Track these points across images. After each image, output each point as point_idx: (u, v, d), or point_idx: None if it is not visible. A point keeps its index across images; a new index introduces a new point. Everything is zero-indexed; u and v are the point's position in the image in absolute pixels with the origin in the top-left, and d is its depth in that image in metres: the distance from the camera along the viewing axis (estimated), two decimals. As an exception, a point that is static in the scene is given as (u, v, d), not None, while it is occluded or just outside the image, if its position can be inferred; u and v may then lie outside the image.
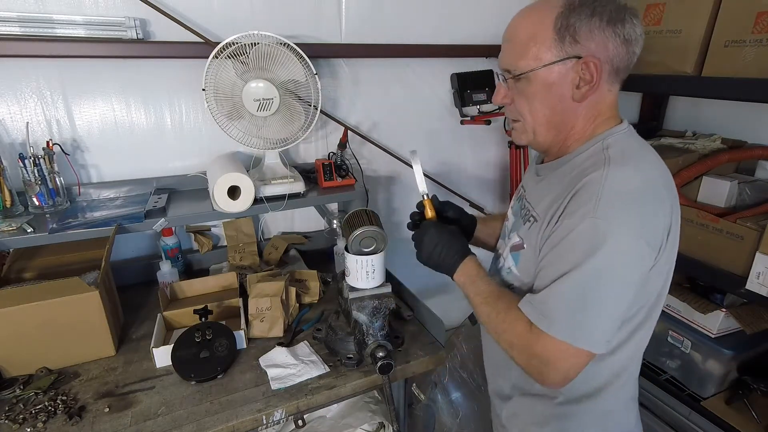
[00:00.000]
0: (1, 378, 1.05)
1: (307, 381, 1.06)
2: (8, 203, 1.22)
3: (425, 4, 1.65)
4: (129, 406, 0.99)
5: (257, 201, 1.32)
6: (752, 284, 1.20)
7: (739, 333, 1.43)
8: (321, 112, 1.44)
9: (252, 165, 1.50)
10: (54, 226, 1.15)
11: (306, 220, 1.76)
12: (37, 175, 1.21)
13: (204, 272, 1.56)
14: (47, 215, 1.23)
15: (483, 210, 2.01)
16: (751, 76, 1.18)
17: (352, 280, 1.06)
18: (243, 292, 1.35)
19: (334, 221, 1.69)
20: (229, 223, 1.58)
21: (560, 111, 0.76)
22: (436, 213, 0.96)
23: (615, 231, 0.65)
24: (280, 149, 1.44)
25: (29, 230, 1.13)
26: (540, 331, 0.70)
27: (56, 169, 1.25)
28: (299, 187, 1.41)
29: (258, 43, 1.28)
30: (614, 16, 0.69)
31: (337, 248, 1.60)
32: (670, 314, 1.55)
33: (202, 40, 1.33)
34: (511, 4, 0.75)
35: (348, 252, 1.03)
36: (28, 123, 1.27)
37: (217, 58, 1.27)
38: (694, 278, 1.54)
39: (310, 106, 1.39)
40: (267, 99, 1.31)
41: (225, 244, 1.59)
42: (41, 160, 1.22)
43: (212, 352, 1.09)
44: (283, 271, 1.47)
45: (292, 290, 1.31)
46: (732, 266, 1.28)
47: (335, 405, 1.31)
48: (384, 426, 1.28)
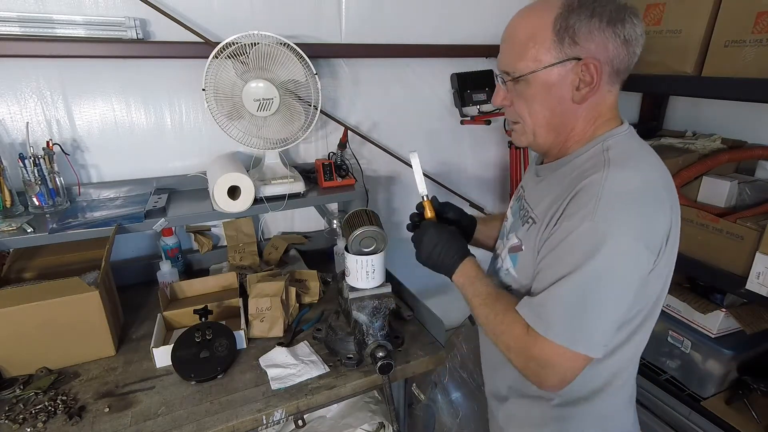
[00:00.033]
0: (1, 378, 1.05)
1: (307, 381, 1.06)
2: (8, 203, 1.22)
3: (425, 4, 1.65)
4: (129, 406, 0.99)
5: (257, 201, 1.32)
6: (752, 284, 1.20)
7: (739, 333, 1.43)
8: (321, 112, 1.44)
9: (252, 165, 1.50)
10: (54, 226, 1.15)
11: (306, 220, 1.76)
12: (37, 175, 1.21)
13: (204, 272, 1.56)
14: (47, 215, 1.23)
15: (483, 210, 2.01)
16: (751, 76, 1.18)
17: (352, 280, 1.06)
18: (243, 292, 1.35)
19: (334, 221, 1.69)
20: (229, 223, 1.58)
21: (560, 113, 0.75)
22: (436, 214, 0.96)
23: (614, 234, 0.65)
24: (280, 149, 1.44)
25: (29, 230, 1.13)
26: (537, 334, 0.69)
27: (56, 169, 1.25)
28: (299, 187, 1.41)
29: (258, 43, 1.28)
30: (614, 17, 0.68)
31: (337, 248, 1.60)
32: (670, 314, 1.54)
33: (202, 40, 1.33)
34: (511, 4, 0.74)
35: (348, 252, 1.03)
36: (28, 123, 1.27)
37: (217, 58, 1.27)
38: (694, 278, 1.54)
39: (310, 106, 1.39)
40: (267, 99, 1.31)
41: (225, 244, 1.59)
42: (41, 160, 1.22)
43: (212, 352, 1.09)
44: (283, 271, 1.47)
45: (292, 290, 1.31)
46: (732, 266, 1.28)
47: (335, 405, 1.31)
48: (384, 426, 1.28)
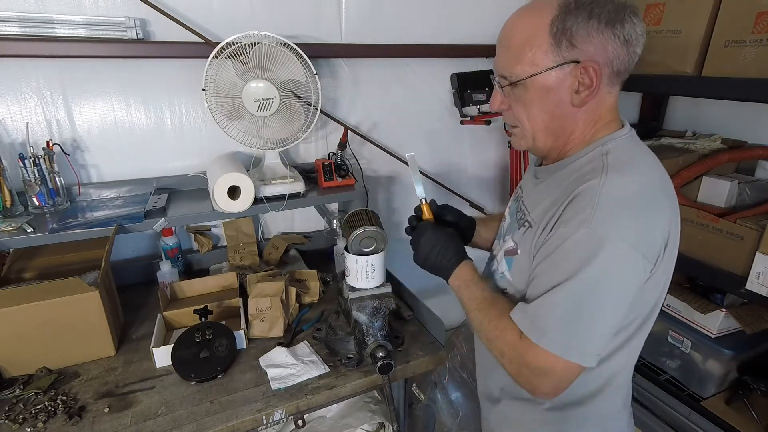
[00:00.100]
0: (1, 378, 1.05)
1: (307, 381, 1.06)
2: (8, 203, 1.22)
3: (425, 4, 1.65)
4: (129, 406, 0.99)
5: (257, 201, 1.32)
6: (752, 284, 1.20)
7: (739, 333, 1.43)
8: (321, 112, 1.44)
9: (252, 165, 1.50)
10: (54, 226, 1.15)
11: (306, 220, 1.76)
12: (37, 175, 1.21)
13: (204, 272, 1.56)
14: (47, 215, 1.23)
15: (483, 210, 2.01)
16: (751, 76, 1.18)
17: (352, 280, 1.06)
18: (243, 292, 1.35)
19: (334, 221, 1.68)
20: (229, 223, 1.58)
21: (559, 116, 0.74)
22: (435, 217, 0.96)
23: (610, 241, 0.64)
24: (280, 149, 1.44)
25: (29, 230, 1.13)
26: (531, 341, 0.68)
27: (56, 169, 1.25)
28: (299, 187, 1.41)
29: (258, 43, 1.28)
30: (613, 17, 0.66)
31: (337, 248, 1.60)
32: (670, 314, 1.54)
33: (202, 40, 1.33)
34: (511, 4, 0.74)
35: (348, 252, 1.03)
36: (28, 123, 1.27)
37: (217, 58, 1.27)
38: (694, 278, 1.54)
39: (310, 106, 1.39)
40: (267, 99, 1.31)
41: (225, 244, 1.59)
42: (41, 160, 1.22)
43: (212, 352, 1.09)
44: (283, 271, 1.47)
45: (292, 290, 1.31)
46: (732, 266, 1.28)
47: (335, 405, 1.31)
48: (384, 426, 1.28)
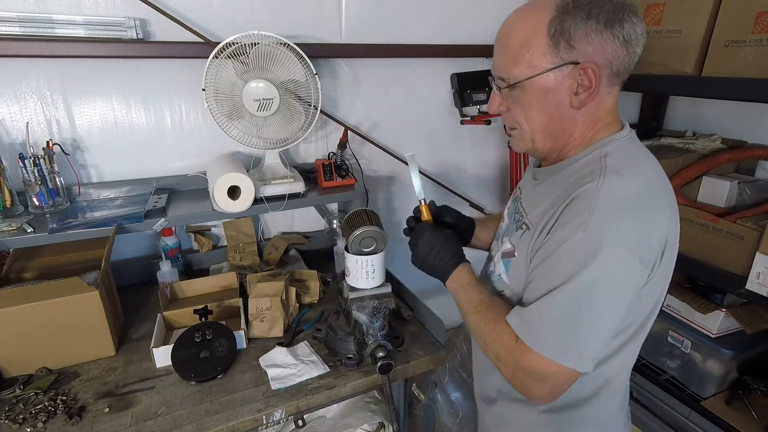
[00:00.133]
0: (1, 378, 1.05)
1: (307, 381, 1.06)
2: (8, 203, 1.22)
3: (425, 4, 1.65)
4: (129, 406, 0.99)
5: (257, 201, 1.32)
6: (752, 284, 1.20)
7: (739, 333, 1.43)
8: (321, 112, 1.44)
9: (252, 165, 1.50)
10: (54, 226, 1.15)
11: (306, 220, 1.76)
12: (37, 175, 1.21)
13: (204, 272, 1.56)
14: (47, 215, 1.23)
15: (483, 210, 2.01)
16: (751, 76, 1.18)
17: (352, 280, 1.06)
18: (243, 292, 1.35)
19: (334, 221, 1.69)
20: (229, 223, 1.58)
21: (558, 118, 0.73)
22: (434, 218, 0.95)
23: (607, 245, 0.63)
24: (280, 149, 1.44)
25: (29, 230, 1.13)
26: (526, 345, 0.68)
27: (56, 169, 1.25)
28: (299, 187, 1.41)
29: (258, 43, 1.28)
30: (612, 17, 0.65)
31: (337, 248, 1.60)
32: (670, 314, 1.54)
33: (202, 40, 1.33)
34: (511, 4, 0.74)
35: (348, 252, 1.03)
36: (28, 123, 1.27)
37: (217, 58, 1.27)
38: (694, 278, 1.54)
39: (310, 106, 1.39)
40: (267, 99, 1.31)
41: (225, 244, 1.59)
42: (41, 160, 1.22)
43: (212, 352, 1.09)
44: (283, 271, 1.47)
45: (292, 290, 1.31)
46: (732, 266, 1.28)
47: (335, 405, 1.31)
48: (384, 426, 1.28)
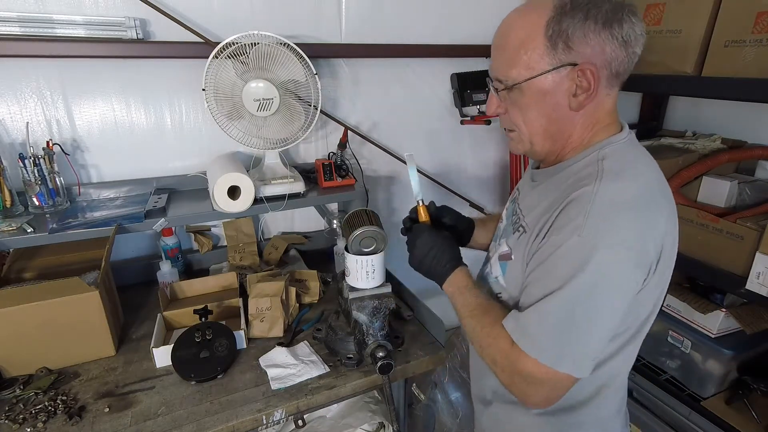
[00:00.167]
0: (1, 378, 1.05)
1: (307, 381, 1.06)
2: (8, 203, 1.22)
3: (425, 4, 1.65)
4: (129, 406, 0.99)
5: (257, 201, 1.32)
6: (752, 284, 1.20)
7: (739, 333, 1.43)
8: (321, 112, 1.44)
9: (252, 165, 1.50)
10: (54, 226, 1.15)
11: (306, 220, 1.76)
12: (37, 175, 1.21)
13: (204, 272, 1.56)
14: (47, 215, 1.23)
15: (483, 210, 2.01)
16: (751, 76, 1.18)
17: (352, 280, 1.06)
18: (243, 292, 1.35)
19: (334, 221, 1.68)
20: (229, 223, 1.58)
21: (556, 120, 0.72)
22: (432, 218, 0.95)
23: (602, 250, 0.63)
24: (280, 149, 1.44)
25: (29, 230, 1.13)
26: (522, 350, 0.68)
27: (56, 169, 1.25)
28: (299, 187, 1.41)
29: (258, 43, 1.27)
30: (610, 17, 0.64)
31: (337, 248, 1.60)
32: (670, 314, 1.54)
33: (202, 40, 1.33)
34: (511, 4, 0.74)
35: (348, 252, 1.03)
36: (28, 123, 1.27)
37: (217, 58, 1.27)
38: (694, 278, 1.54)
39: (310, 106, 1.39)
40: (267, 99, 1.31)
41: (225, 244, 1.59)
42: (41, 160, 1.22)
43: (212, 352, 1.09)
44: (283, 271, 1.47)
45: (292, 290, 1.31)
46: (732, 266, 1.28)
47: (335, 405, 1.31)
48: (384, 426, 1.28)
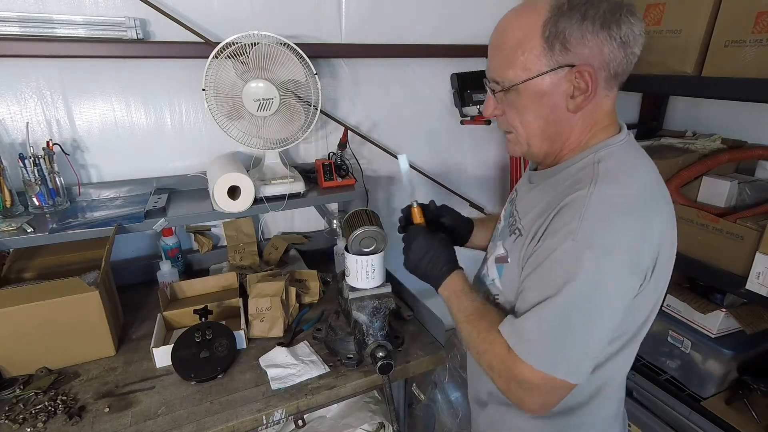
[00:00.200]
0: (1, 378, 1.05)
1: (307, 381, 1.07)
2: (8, 203, 1.22)
3: (425, 4, 1.65)
4: (129, 406, 0.99)
5: (257, 201, 1.32)
6: (752, 284, 1.20)
7: (739, 333, 1.43)
8: (321, 112, 1.44)
9: (252, 165, 1.50)
10: (54, 226, 1.15)
11: (306, 220, 1.76)
12: (37, 175, 1.21)
13: (204, 272, 1.56)
14: (47, 215, 1.23)
15: (483, 210, 2.01)
16: (751, 76, 1.18)
17: (352, 280, 1.06)
18: (243, 292, 1.35)
19: (334, 221, 1.68)
20: (229, 223, 1.58)
21: (554, 122, 0.72)
22: (432, 217, 0.94)
23: (596, 256, 0.62)
24: (280, 149, 1.44)
25: (29, 230, 1.13)
26: (518, 356, 0.67)
27: (56, 169, 1.25)
28: (299, 187, 1.41)
29: (258, 43, 1.27)
30: (608, 18, 0.64)
31: (337, 248, 1.60)
32: (670, 314, 1.55)
33: (202, 40, 1.33)
34: (511, 4, 0.74)
35: (348, 252, 1.03)
36: (28, 123, 1.27)
37: (217, 58, 1.27)
38: (694, 278, 1.54)
39: (310, 106, 1.39)
40: (267, 99, 1.31)
41: (225, 244, 1.59)
42: (41, 160, 1.22)
43: (212, 352, 1.09)
44: (283, 271, 1.47)
45: (292, 290, 1.31)
46: (732, 266, 1.28)
47: (335, 405, 1.31)
48: (384, 426, 1.28)
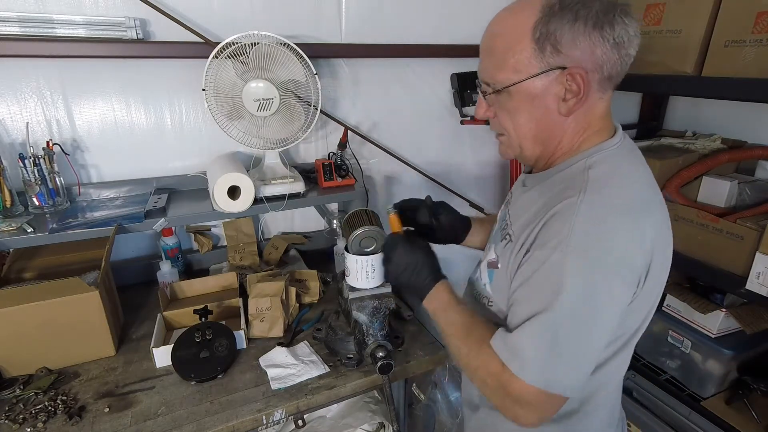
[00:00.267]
0: (1, 378, 1.05)
1: (307, 381, 1.07)
2: (8, 203, 1.22)
3: (425, 4, 1.65)
4: (129, 406, 0.99)
5: (257, 201, 1.32)
6: (752, 284, 1.20)
7: (739, 333, 1.43)
8: (321, 112, 1.44)
9: (252, 165, 1.50)
10: (54, 226, 1.15)
11: (306, 220, 1.76)
12: (37, 175, 1.21)
13: (204, 272, 1.56)
14: (47, 215, 1.23)
15: (483, 210, 2.01)
16: (751, 76, 1.18)
17: (352, 280, 1.05)
18: (243, 292, 1.35)
19: (334, 221, 1.68)
20: (229, 223, 1.58)
21: (545, 125, 0.71)
22: (432, 213, 0.94)
23: (587, 268, 0.61)
24: (280, 149, 1.44)
25: (29, 230, 1.13)
26: (513, 373, 0.65)
27: (56, 169, 1.25)
28: (299, 187, 1.41)
29: (258, 43, 1.27)
30: (601, 19, 0.62)
31: (337, 248, 1.60)
32: (670, 314, 1.55)
33: (202, 40, 1.33)
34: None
35: (348, 252, 1.03)
36: (28, 123, 1.27)
37: (217, 58, 1.27)
38: (694, 278, 1.54)
39: (310, 106, 1.39)
40: (267, 99, 1.31)
41: (225, 244, 1.59)
42: (41, 160, 1.22)
43: (212, 352, 1.09)
44: (283, 271, 1.47)
45: (292, 290, 1.31)
46: (732, 266, 1.28)
47: (335, 405, 1.31)
48: (384, 426, 1.28)
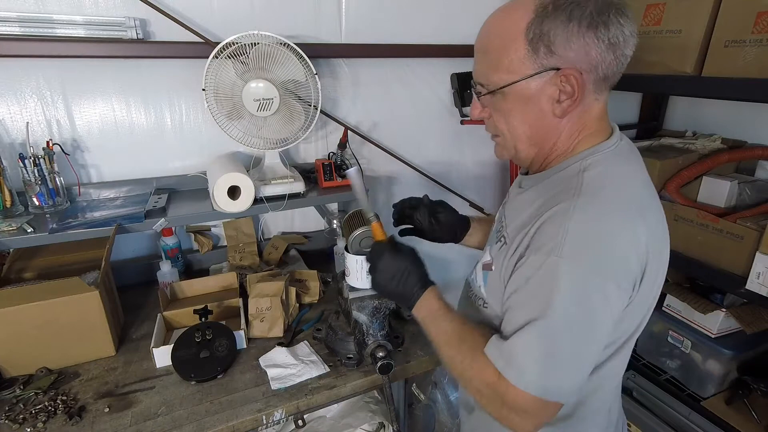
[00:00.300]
0: (1, 378, 1.05)
1: (307, 381, 1.07)
2: (8, 203, 1.22)
3: (425, 4, 1.65)
4: (129, 406, 0.99)
5: (257, 201, 1.32)
6: (752, 284, 1.20)
7: (739, 333, 1.43)
8: (321, 112, 1.44)
9: (252, 165, 1.50)
10: (54, 226, 1.15)
11: (306, 220, 1.76)
12: (37, 175, 1.21)
13: (204, 272, 1.56)
14: (47, 215, 1.23)
15: (483, 210, 2.01)
16: (751, 76, 1.18)
17: (352, 280, 1.05)
18: (243, 292, 1.35)
19: (334, 221, 1.68)
20: (229, 223, 1.58)
21: (540, 127, 0.70)
22: (428, 212, 0.94)
23: (582, 273, 0.61)
24: (280, 149, 1.44)
25: (29, 230, 1.13)
26: (509, 382, 0.65)
27: (56, 169, 1.25)
28: (299, 187, 1.41)
29: (258, 43, 1.27)
30: (595, 19, 0.61)
31: (337, 248, 1.60)
32: (670, 314, 1.55)
33: (202, 40, 1.33)
34: (511, 4, 0.74)
35: (348, 252, 1.03)
36: (28, 123, 1.26)
37: (217, 58, 1.27)
38: (694, 278, 1.55)
39: (310, 106, 1.39)
40: (267, 99, 1.31)
41: (225, 244, 1.59)
42: (41, 160, 1.22)
43: (212, 352, 1.09)
44: (283, 271, 1.47)
45: (292, 290, 1.31)
46: (732, 266, 1.28)
47: (335, 405, 1.31)
48: (384, 426, 1.28)
